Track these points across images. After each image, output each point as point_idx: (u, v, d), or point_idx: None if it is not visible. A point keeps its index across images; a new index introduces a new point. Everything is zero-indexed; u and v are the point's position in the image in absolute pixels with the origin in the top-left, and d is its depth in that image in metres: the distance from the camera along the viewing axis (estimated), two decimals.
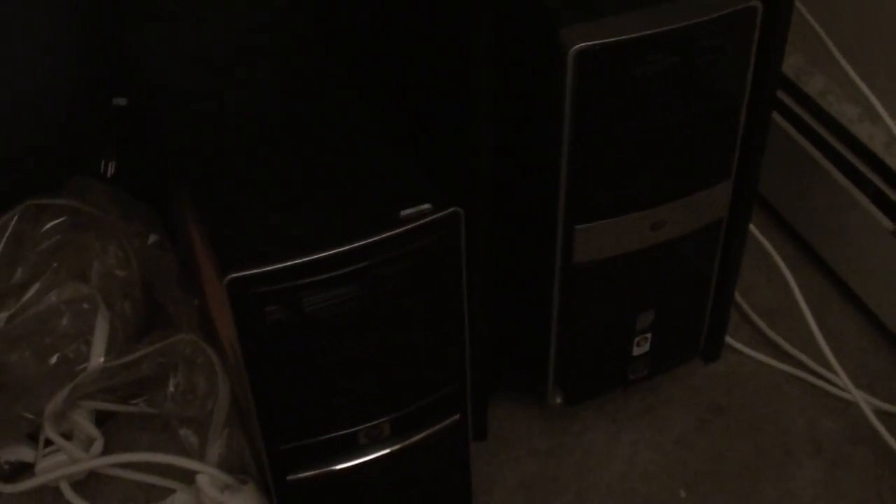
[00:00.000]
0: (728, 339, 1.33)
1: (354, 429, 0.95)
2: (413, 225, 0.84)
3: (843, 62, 1.23)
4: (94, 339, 1.16)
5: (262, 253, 0.81)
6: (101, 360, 1.14)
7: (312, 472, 0.97)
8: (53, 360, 1.16)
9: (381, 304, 0.87)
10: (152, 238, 1.21)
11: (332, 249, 0.82)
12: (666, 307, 1.15)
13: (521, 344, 1.19)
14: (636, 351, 1.17)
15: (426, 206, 0.86)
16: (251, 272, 0.80)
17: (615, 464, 1.23)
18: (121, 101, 1.28)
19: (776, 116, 1.40)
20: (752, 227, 1.21)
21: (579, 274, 1.05)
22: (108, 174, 1.31)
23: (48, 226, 1.18)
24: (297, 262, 0.81)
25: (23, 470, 1.17)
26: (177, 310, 1.18)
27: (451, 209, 0.86)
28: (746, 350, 1.34)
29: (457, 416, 1.02)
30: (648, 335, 1.16)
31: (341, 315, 0.85)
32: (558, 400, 1.19)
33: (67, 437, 1.16)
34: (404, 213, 0.85)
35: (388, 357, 0.91)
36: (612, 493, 1.20)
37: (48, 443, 1.15)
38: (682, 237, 1.08)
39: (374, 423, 0.95)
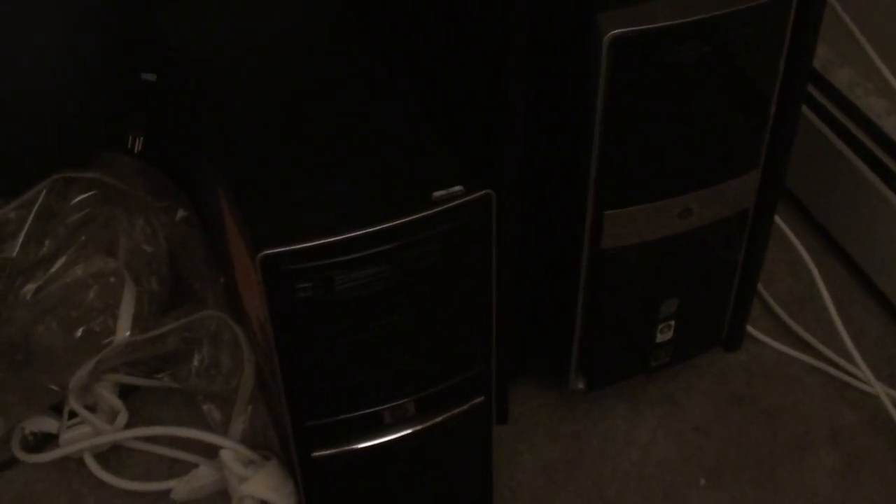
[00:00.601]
0: (750, 329, 1.33)
1: (380, 408, 0.96)
2: (445, 207, 0.85)
3: (873, 54, 1.22)
4: (120, 313, 1.16)
5: (294, 231, 0.82)
6: (127, 333, 1.15)
7: (336, 450, 0.97)
8: (79, 332, 1.16)
9: (411, 284, 0.87)
10: (180, 214, 1.21)
11: (364, 229, 0.82)
12: (690, 295, 1.15)
13: (545, 328, 1.19)
14: (659, 338, 1.17)
15: (458, 188, 0.86)
16: (284, 249, 0.81)
17: (634, 450, 1.23)
18: (150, 77, 1.28)
19: (803, 108, 1.39)
20: (777, 217, 1.21)
21: (606, 260, 1.05)
22: (136, 150, 1.31)
23: (76, 199, 1.19)
24: (329, 240, 0.81)
25: (47, 441, 1.18)
26: (203, 286, 1.19)
27: (482, 191, 0.86)
28: (768, 340, 1.34)
29: (481, 398, 1.02)
30: (672, 323, 1.16)
31: (371, 295, 0.86)
32: (580, 385, 1.19)
33: (91, 409, 1.17)
34: (436, 194, 0.85)
35: (415, 338, 0.92)
36: (631, 480, 1.20)
37: (72, 415, 1.16)
38: (709, 226, 1.08)
39: (399, 402, 0.96)
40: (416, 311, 0.90)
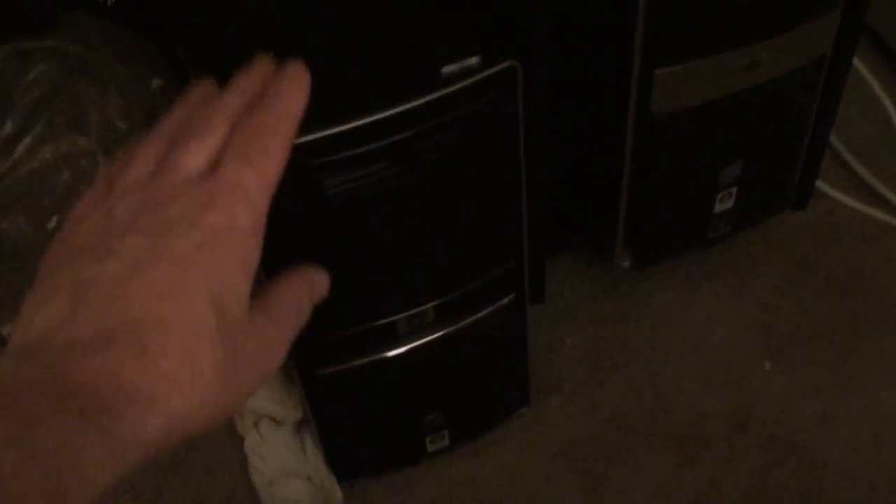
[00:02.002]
0: (819, 184, 1.15)
1: (392, 318, 0.81)
2: (458, 86, 0.68)
3: None
4: None
5: None
6: None
7: (343, 366, 0.84)
8: (52, 223, 1.02)
9: (422, 182, 0.71)
10: (155, 83, 1.04)
11: (355, 121, 0.65)
12: (755, 158, 0.98)
13: (587, 200, 1.03)
14: (718, 208, 1.01)
15: (474, 60, 0.69)
16: None
17: (689, 330, 1.08)
18: None
19: None
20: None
21: (657, 126, 0.89)
22: (108, 3, 1.13)
23: (34, 73, 1.02)
24: (310, 137, 0.65)
25: None
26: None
27: (505, 63, 0.69)
28: (839, 196, 1.17)
29: (511, 296, 0.87)
30: (733, 190, 1.00)
31: (372, 198, 0.70)
32: (626, 263, 1.04)
33: None
34: (447, 70, 0.68)
35: (430, 241, 0.77)
36: (687, 365, 1.06)
37: None
38: (780, 78, 0.91)
39: (414, 311, 0.81)
40: (429, 211, 0.74)
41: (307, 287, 0.51)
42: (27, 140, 1.03)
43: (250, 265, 0.44)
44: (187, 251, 0.42)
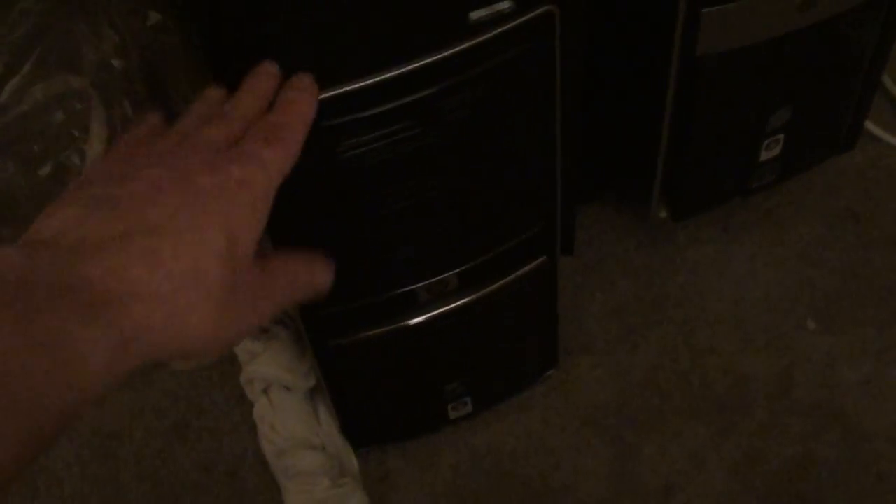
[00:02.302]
0: (868, 125, 1.07)
1: (412, 287, 0.74)
2: (489, 34, 0.60)
3: None
4: (89, 146, 0.94)
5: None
6: None
7: (358, 336, 0.77)
8: (46, 169, 0.95)
9: (445, 143, 0.63)
10: (153, 17, 0.96)
11: (371, 77, 0.57)
12: (805, 102, 0.90)
13: (621, 147, 0.96)
14: (764, 155, 0.93)
15: (506, 4, 0.60)
16: None
17: (727, 286, 1.01)
18: None
19: None
20: None
21: (703, 69, 0.81)
22: None
23: (20, 7, 0.93)
24: (324, 95, 0.57)
25: None
26: (188, 108, 0.95)
27: (542, 7, 0.61)
28: (889, 138, 1.09)
29: (542, 259, 0.80)
30: (781, 136, 0.92)
31: (391, 161, 0.62)
32: (663, 214, 0.96)
33: None
34: (475, 15, 0.60)
35: (454, 206, 0.69)
36: (724, 323, 0.99)
37: None
38: (837, 16, 0.83)
39: (436, 278, 0.74)
40: (454, 174, 0.66)
41: (307, 267, 0.52)
42: (15, 81, 0.95)
43: (260, 218, 0.46)
44: (207, 186, 0.44)
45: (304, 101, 0.52)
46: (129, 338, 0.38)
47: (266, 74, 0.53)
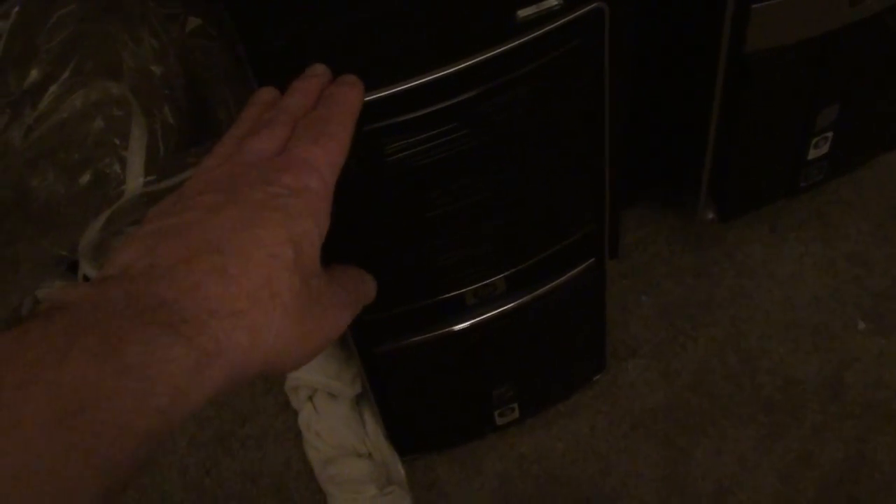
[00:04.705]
0: None
1: (459, 291, 0.73)
2: (537, 32, 0.58)
3: None
4: (129, 154, 0.93)
5: None
6: (141, 180, 0.92)
7: (406, 342, 0.76)
8: (85, 178, 0.94)
9: (492, 144, 0.62)
10: (192, 23, 0.95)
11: (417, 79, 0.56)
12: (855, 100, 0.89)
13: (666, 147, 0.94)
14: (812, 154, 0.91)
15: (553, 1, 0.59)
16: None
17: (776, 286, 1.00)
18: None
19: None
20: None
21: (751, 66, 0.80)
22: None
23: (59, 14, 0.93)
24: (369, 97, 0.56)
25: None
26: (229, 114, 0.95)
27: (591, 5, 0.59)
28: None
29: (591, 261, 0.79)
30: (829, 134, 0.90)
31: (439, 163, 0.61)
32: (710, 215, 0.95)
33: None
34: (522, 13, 0.59)
35: (501, 207, 0.68)
36: (774, 325, 0.97)
37: (88, 279, 0.95)
38: (889, 10, 0.81)
39: (483, 283, 0.73)
40: (500, 176, 0.65)
41: (362, 276, 0.53)
42: (54, 88, 0.95)
43: (322, 223, 0.46)
44: (264, 199, 0.44)
45: (350, 93, 0.52)
46: (213, 355, 0.38)
47: (314, 76, 0.53)
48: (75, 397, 0.34)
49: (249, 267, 0.41)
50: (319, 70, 0.53)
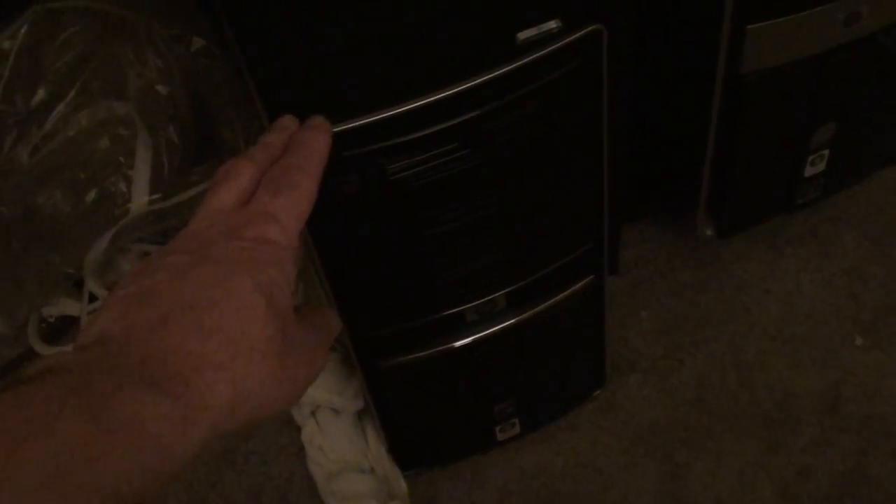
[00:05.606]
0: None
1: (459, 308, 0.74)
2: (537, 54, 0.60)
3: None
4: (134, 173, 0.94)
5: (318, 101, 0.56)
6: (146, 198, 0.93)
7: (407, 358, 0.77)
8: (91, 197, 0.95)
9: (492, 164, 0.63)
10: (196, 43, 0.97)
11: (418, 101, 0.58)
12: (850, 118, 0.90)
13: (664, 166, 0.95)
14: (808, 171, 0.93)
15: (553, 24, 0.60)
16: None
17: (774, 302, 1.01)
18: None
19: None
20: None
21: (747, 85, 0.81)
22: None
23: (66, 34, 0.94)
24: (371, 119, 0.57)
25: (70, 325, 1.00)
26: (233, 133, 0.96)
27: (590, 27, 0.61)
28: None
29: (590, 278, 0.80)
30: (825, 152, 0.91)
31: (440, 182, 0.62)
32: (709, 232, 0.96)
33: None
34: (523, 35, 0.60)
35: (501, 226, 0.69)
36: (772, 340, 0.98)
37: (94, 297, 0.96)
38: (883, 30, 0.82)
39: (484, 299, 0.74)
40: (501, 195, 0.66)
41: (329, 313, 0.52)
42: (61, 107, 0.96)
43: (288, 270, 0.46)
44: (229, 254, 0.45)
45: (316, 139, 0.52)
46: (199, 409, 0.39)
47: (283, 128, 0.54)
48: (63, 459, 0.34)
49: (223, 320, 0.42)
50: (287, 122, 0.54)
